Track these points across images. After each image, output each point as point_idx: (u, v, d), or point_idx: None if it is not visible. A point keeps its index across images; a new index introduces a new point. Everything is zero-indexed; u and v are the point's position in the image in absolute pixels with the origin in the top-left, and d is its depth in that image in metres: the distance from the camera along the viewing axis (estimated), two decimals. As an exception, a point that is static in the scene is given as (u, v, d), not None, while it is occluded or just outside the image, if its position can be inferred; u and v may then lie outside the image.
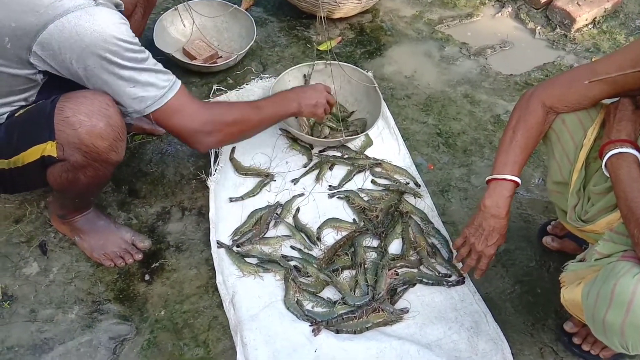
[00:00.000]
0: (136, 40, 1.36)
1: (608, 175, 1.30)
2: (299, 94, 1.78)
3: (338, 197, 1.91)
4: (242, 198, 1.86)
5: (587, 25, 2.68)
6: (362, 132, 2.05)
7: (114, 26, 1.30)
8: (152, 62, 1.40)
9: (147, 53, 1.40)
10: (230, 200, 1.84)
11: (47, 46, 1.27)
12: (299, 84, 2.17)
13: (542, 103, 1.43)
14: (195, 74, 2.32)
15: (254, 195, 1.87)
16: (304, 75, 2.16)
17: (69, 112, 1.32)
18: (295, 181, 1.94)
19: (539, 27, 2.69)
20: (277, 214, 1.84)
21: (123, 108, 1.41)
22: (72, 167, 1.40)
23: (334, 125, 2.08)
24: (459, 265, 1.64)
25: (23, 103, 1.43)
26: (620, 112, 1.35)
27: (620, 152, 1.27)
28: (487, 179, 1.47)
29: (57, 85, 1.39)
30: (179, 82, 1.46)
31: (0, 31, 1.26)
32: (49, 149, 1.36)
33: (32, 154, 1.38)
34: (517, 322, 1.64)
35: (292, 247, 1.76)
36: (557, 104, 1.43)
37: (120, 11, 1.41)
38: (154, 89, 1.39)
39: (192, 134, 1.50)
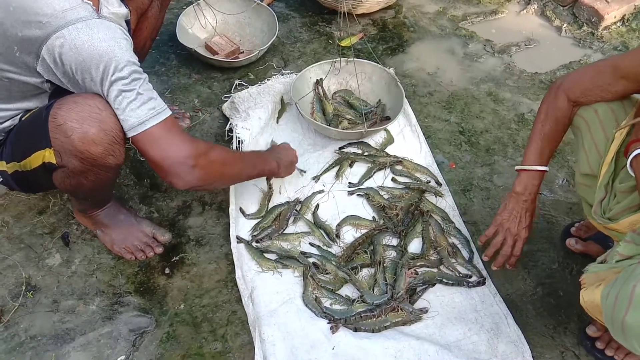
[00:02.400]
0: (134, 59, 1.32)
1: (633, 174, 1.27)
2: (274, 155, 1.76)
3: (358, 195, 1.90)
4: (247, 217, 1.83)
5: (615, 23, 2.62)
6: (383, 118, 2.03)
7: (112, 41, 1.27)
8: (146, 87, 1.33)
9: (144, 76, 1.35)
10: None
11: (49, 56, 1.27)
12: (319, 80, 2.16)
13: (567, 97, 1.45)
14: (217, 69, 2.33)
15: (259, 217, 1.83)
16: (317, 80, 2.15)
17: (61, 119, 1.30)
18: (316, 178, 1.93)
19: (565, 25, 2.64)
20: (296, 210, 1.84)
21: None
22: (72, 173, 1.39)
23: (352, 118, 2.07)
24: (485, 259, 1.62)
25: (39, 106, 1.44)
26: None
27: None
28: (517, 168, 1.54)
29: (66, 92, 1.38)
30: (168, 112, 1.36)
31: (9, 39, 1.27)
32: (47, 155, 1.36)
33: (35, 160, 1.39)
34: (539, 324, 1.61)
35: (311, 244, 1.76)
36: (581, 97, 1.44)
37: (127, 21, 1.40)
38: (136, 114, 1.31)
39: (173, 165, 1.35)
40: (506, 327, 1.57)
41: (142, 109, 1.31)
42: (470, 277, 1.68)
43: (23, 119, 1.44)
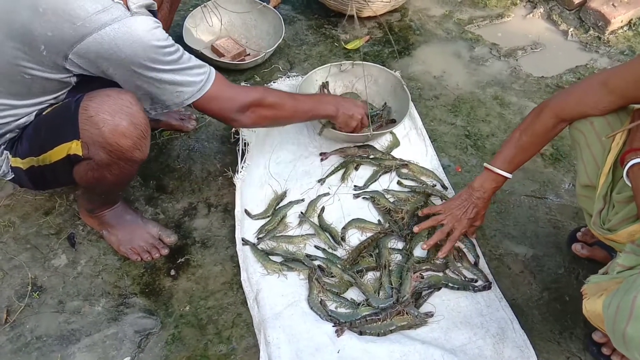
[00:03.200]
0: (170, 40, 1.38)
1: (629, 184, 1.27)
2: (339, 101, 1.85)
3: (363, 198, 1.90)
4: (253, 217, 1.84)
5: (622, 27, 2.62)
6: (389, 120, 2.04)
7: (150, 34, 1.32)
8: (186, 58, 1.43)
9: (181, 50, 1.42)
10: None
11: (83, 55, 1.31)
12: (325, 83, 2.16)
13: (555, 114, 1.48)
14: (223, 71, 2.29)
15: (266, 218, 1.84)
16: (322, 84, 2.15)
17: (92, 111, 1.33)
18: (321, 181, 1.93)
19: (571, 29, 2.63)
20: (302, 212, 1.84)
21: (162, 101, 1.45)
22: (97, 166, 1.41)
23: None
24: (424, 247, 1.71)
25: (53, 101, 1.46)
26: None
27: None
28: (485, 165, 1.61)
29: (88, 86, 1.40)
30: (214, 72, 1.50)
31: (37, 39, 1.29)
32: (74, 147, 1.38)
33: (58, 153, 1.41)
34: (544, 329, 1.61)
35: (317, 247, 1.76)
36: (569, 114, 1.47)
37: (153, 11, 1.43)
38: (192, 84, 1.44)
39: (228, 115, 1.57)
40: (512, 331, 1.56)
41: (195, 77, 1.44)
42: (476, 281, 1.67)
43: (44, 113, 1.45)
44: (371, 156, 2.01)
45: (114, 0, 1.30)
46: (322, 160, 1.81)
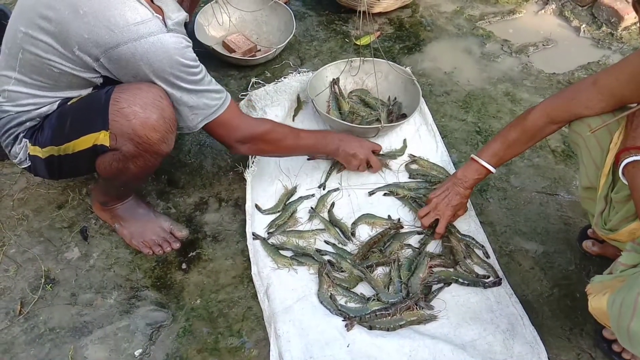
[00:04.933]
0: (197, 61, 1.45)
1: (626, 182, 1.28)
2: (343, 139, 1.86)
3: (384, 194, 1.90)
4: (263, 212, 1.85)
5: (635, 23, 2.59)
6: (399, 116, 2.04)
7: (180, 52, 1.38)
8: (207, 81, 1.49)
9: (204, 71, 1.49)
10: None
11: (114, 61, 1.35)
12: (336, 79, 2.16)
13: (546, 113, 1.50)
14: (234, 67, 2.35)
15: (276, 212, 1.85)
16: (333, 80, 2.15)
17: (124, 103, 1.36)
18: (322, 186, 1.92)
19: (584, 25, 2.62)
20: (312, 207, 1.85)
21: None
22: (123, 157, 1.44)
23: (367, 115, 2.06)
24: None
25: (76, 96, 1.48)
26: (637, 119, 1.31)
27: (635, 160, 1.25)
28: (472, 155, 1.65)
29: (112, 85, 1.43)
30: (229, 98, 1.56)
31: (72, 39, 1.33)
32: (101, 138, 1.40)
33: (84, 142, 1.43)
34: (555, 326, 1.61)
35: (327, 242, 1.76)
36: (559, 115, 1.48)
37: (186, 23, 1.48)
38: (207, 107, 1.50)
39: (231, 143, 1.63)
40: (522, 328, 1.56)
41: (210, 102, 1.50)
42: (487, 277, 1.67)
43: (69, 104, 1.47)
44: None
45: (154, 14, 1.35)
46: (308, 159, 1.88)
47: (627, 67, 1.35)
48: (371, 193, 1.91)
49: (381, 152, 1.99)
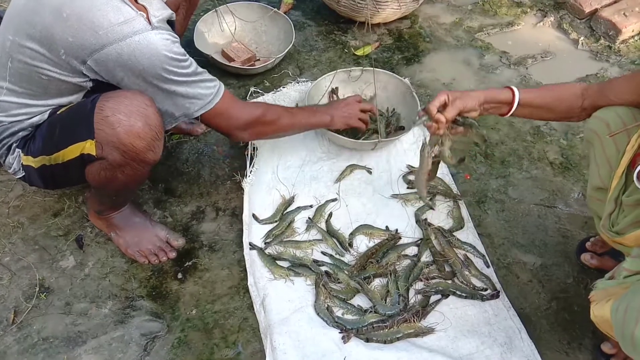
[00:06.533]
0: (186, 55, 1.43)
1: (639, 186, 1.26)
2: (331, 107, 1.88)
3: (397, 200, 1.91)
4: (260, 222, 1.84)
5: (633, 36, 2.61)
6: (397, 128, 2.05)
7: (167, 48, 1.36)
8: (199, 72, 1.47)
9: (194, 64, 1.47)
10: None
11: (102, 63, 1.34)
12: (335, 89, 2.16)
13: (583, 90, 1.48)
14: (233, 76, 2.34)
15: (274, 222, 1.83)
16: (332, 90, 2.15)
17: (109, 112, 1.35)
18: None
19: (582, 38, 2.62)
20: (309, 218, 1.84)
21: (171, 113, 1.48)
22: (110, 166, 1.43)
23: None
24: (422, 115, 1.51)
25: (67, 104, 1.47)
26: None
27: None
28: (509, 85, 1.52)
29: (104, 91, 1.42)
30: (223, 87, 1.55)
31: (57, 43, 1.32)
32: (88, 147, 1.39)
33: (71, 152, 1.42)
34: (553, 339, 1.60)
35: (323, 253, 1.75)
36: (591, 96, 1.46)
37: (172, 21, 1.48)
38: (203, 97, 1.49)
39: (231, 131, 1.63)
40: (520, 341, 1.55)
41: (204, 91, 1.49)
42: (485, 289, 1.66)
43: (58, 113, 1.46)
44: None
45: (137, 12, 1.33)
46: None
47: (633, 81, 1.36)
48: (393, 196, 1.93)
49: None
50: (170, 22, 1.49)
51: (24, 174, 1.55)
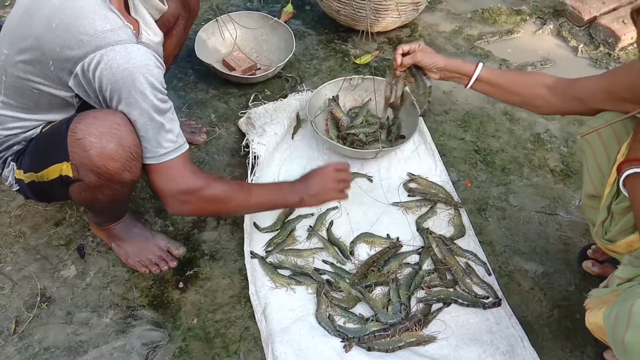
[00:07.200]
0: (165, 89, 1.37)
1: (627, 194, 1.28)
2: (303, 183, 1.64)
3: (398, 208, 1.91)
4: (261, 230, 1.84)
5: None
6: (398, 137, 2.05)
7: (146, 68, 1.29)
8: (170, 117, 1.38)
9: (170, 105, 1.39)
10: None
11: (85, 73, 1.29)
12: (335, 96, 2.17)
13: (546, 79, 1.56)
14: (233, 85, 2.35)
15: (275, 231, 1.84)
16: (332, 97, 2.16)
17: (80, 134, 1.31)
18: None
19: (581, 45, 2.63)
20: (310, 226, 1.84)
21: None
22: (88, 187, 1.40)
23: (364, 140, 2.06)
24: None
25: (60, 120, 1.46)
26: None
27: (636, 172, 1.25)
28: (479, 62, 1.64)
29: (90, 109, 1.40)
30: (185, 148, 1.43)
31: (46, 54, 1.30)
32: (65, 169, 1.37)
33: (52, 172, 1.40)
34: (555, 347, 1.59)
35: (325, 261, 1.75)
36: (556, 81, 1.54)
37: (163, 44, 1.44)
38: (157, 146, 1.38)
39: (167, 197, 1.45)
40: (522, 349, 1.54)
41: (162, 142, 1.37)
42: (486, 297, 1.66)
43: (44, 130, 1.46)
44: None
45: (124, 23, 1.30)
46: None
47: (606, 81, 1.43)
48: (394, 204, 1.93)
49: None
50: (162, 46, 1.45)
51: (18, 187, 1.55)
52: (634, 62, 1.32)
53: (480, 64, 1.61)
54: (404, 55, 1.67)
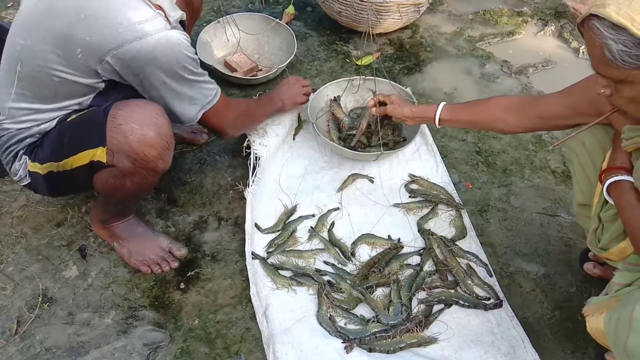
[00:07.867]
0: (196, 55, 1.50)
1: (611, 201, 1.29)
2: (278, 92, 1.99)
3: (399, 210, 1.91)
4: (263, 231, 1.84)
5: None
6: (398, 138, 2.05)
7: (185, 47, 1.44)
8: (204, 72, 1.55)
9: (198, 64, 1.53)
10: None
11: (119, 61, 1.38)
12: (337, 97, 2.17)
13: (505, 102, 1.60)
14: (235, 86, 2.36)
15: (276, 232, 1.84)
16: (334, 98, 2.16)
17: (122, 120, 1.38)
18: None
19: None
20: (312, 227, 1.84)
21: (175, 117, 1.52)
22: (119, 173, 1.45)
23: (365, 142, 2.06)
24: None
25: (76, 107, 1.50)
26: (617, 139, 1.32)
27: (616, 180, 1.26)
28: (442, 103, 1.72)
29: (112, 93, 1.46)
30: (218, 88, 1.63)
31: (74, 43, 1.36)
32: (99, 154, 1.41)
33: (81, 159, 1.44)
34: (556, 349, 1.59)
35: (326, 263, 1.75)
36: (518, 105, 1.56)
37: (182, 21, 1.55)
38: (205, 97, 1.57)
39: (224, 129, 1.73)
40: (523, 351, 1.54)
41: (207, 93, 1.57)
42: (488, 299, 1.66)
43: (68, 120, 1.48)
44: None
45: (156, 12, 1.39)
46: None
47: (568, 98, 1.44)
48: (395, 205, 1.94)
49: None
50: (181, 23, 1.55)
51: (29, 180, 1.56)
52: (591, 75, 1.31)
53: (441, 105, 1.70)
54: (380, 103, 1.89)
